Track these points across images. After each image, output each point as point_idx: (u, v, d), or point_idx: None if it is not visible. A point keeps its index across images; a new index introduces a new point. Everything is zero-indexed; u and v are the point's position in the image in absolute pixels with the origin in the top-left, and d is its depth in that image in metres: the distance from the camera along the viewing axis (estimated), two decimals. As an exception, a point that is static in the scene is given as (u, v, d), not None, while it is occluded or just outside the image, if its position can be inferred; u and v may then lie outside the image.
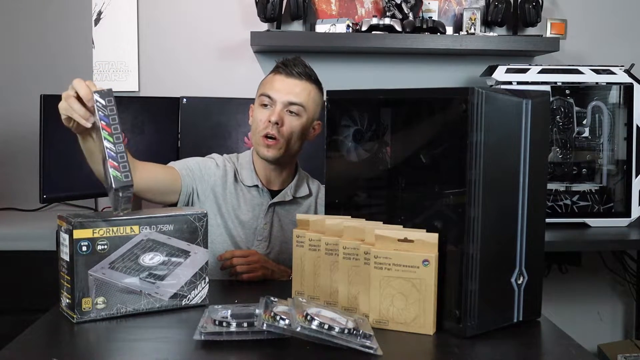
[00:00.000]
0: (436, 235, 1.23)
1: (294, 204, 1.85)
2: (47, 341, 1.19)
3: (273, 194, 1.83)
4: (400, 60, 2.86)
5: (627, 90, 2.50)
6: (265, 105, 1.76)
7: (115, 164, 1.26)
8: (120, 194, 1.27)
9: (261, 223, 1.80)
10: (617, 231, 2.45)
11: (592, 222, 2.49)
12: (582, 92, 2.54)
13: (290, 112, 1.75)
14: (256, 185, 1.82)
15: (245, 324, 1.17)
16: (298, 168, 1.89)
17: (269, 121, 1.73)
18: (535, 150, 1.28)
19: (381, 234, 1.26)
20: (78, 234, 1.26)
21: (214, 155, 1.88)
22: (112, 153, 1.26)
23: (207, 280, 1.40)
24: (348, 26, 2.64)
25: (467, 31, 2.74)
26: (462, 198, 1.20)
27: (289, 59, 1.79)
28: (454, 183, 1.23)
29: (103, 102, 1.29)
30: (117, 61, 2.77)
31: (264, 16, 2.61)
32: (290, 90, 1.75)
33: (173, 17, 2.79)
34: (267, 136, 1.75)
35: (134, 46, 2.77)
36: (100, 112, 1.28)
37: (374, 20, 2.65)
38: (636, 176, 2.48)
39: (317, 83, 1.81)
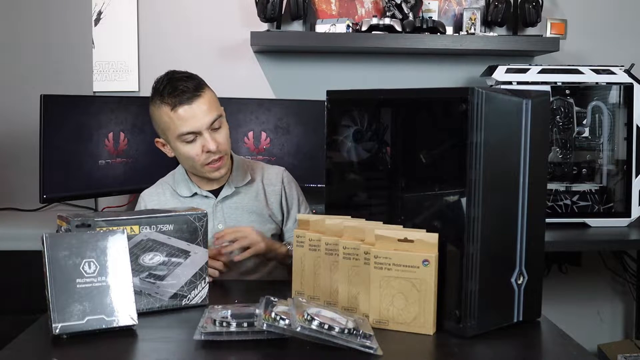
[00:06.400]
0: (436, 235, 1.23)
1: (240, 194, 1.85)
2: (47, 341, 1.19)
3: (217, 192, 1.84)
4: (400, 60, 2.86)
5: (627, 90, 2.50)
6: (190, 141, 1.71)
7: None
8: None
9: (215, 225, 1.80)
10: (617, 231, 2.45)
11: (592, 222, 2.49)
12: (582, 92, 2.54)
13: (214, 128, 1.72)
14: (195, 193, 1.83)
15: (245, 324, 1.17)
16: (233, 157, 1.87)
17: (208, 151, 1.71)
18: (535, 150, 1.29)
19: (381, 234, 1.26)
20: (78, 234, 1.26)
21: (142, 194, 1.87)
22: None
23: (207, 280, 1.40)
24: (348, 26, 2.64)
25: (467, 31, 2.74)
26: (462, 198, 1.20)
27: (166, 87, 1.70)
28: (454, 183, 1.23)
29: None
30: (117, 61, 2.77)
31: (264, 16, 2.61)
32: (200, 112, 1.70)
33: (173, 17, 2.79)
34: (210, 163, 1.74)
35: (134, 46, 2.77)
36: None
37: (374, 20, 2.65)
38: (636, 176, 2.48)
39: (198, 80, 1.75)
